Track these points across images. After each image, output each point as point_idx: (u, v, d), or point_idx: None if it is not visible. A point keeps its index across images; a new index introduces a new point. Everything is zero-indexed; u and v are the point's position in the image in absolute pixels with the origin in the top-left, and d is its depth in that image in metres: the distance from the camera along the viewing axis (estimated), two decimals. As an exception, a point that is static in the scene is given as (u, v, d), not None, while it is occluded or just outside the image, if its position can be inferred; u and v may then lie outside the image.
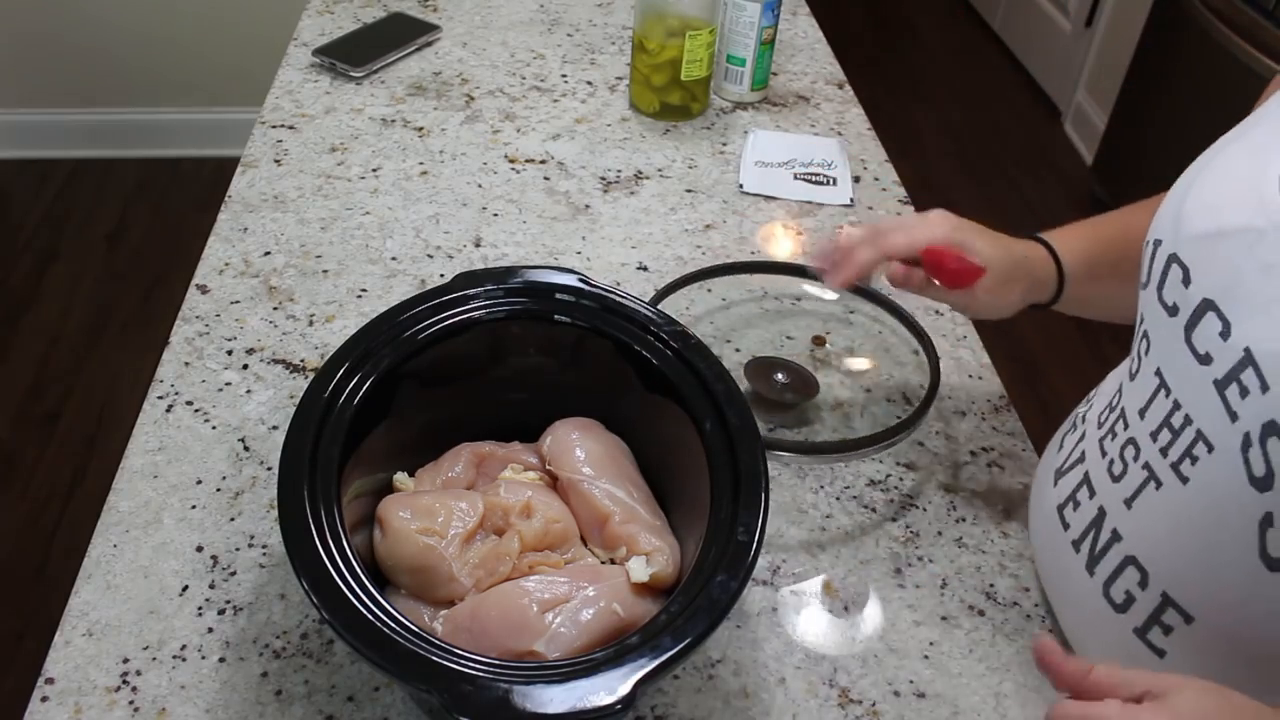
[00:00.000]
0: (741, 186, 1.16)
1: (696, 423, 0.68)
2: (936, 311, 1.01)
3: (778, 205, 1.14)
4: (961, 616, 0.75)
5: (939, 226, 0.76)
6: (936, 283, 0.76)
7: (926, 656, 0.72)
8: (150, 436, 0.83)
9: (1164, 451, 0.61)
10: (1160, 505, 0.61)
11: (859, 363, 0.95)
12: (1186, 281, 0.59)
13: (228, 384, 0.88)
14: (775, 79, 1.35)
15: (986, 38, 3.66)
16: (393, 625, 0.55)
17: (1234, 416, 0.55)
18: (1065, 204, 2.87)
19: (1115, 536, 0.65)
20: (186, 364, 0.90)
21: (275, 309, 0.96)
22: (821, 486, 0.83)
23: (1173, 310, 0.60)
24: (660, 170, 1.18)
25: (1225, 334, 0.56)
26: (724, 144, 1.23)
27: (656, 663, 0.55)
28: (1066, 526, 0.70)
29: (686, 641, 0.56)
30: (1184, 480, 0.59)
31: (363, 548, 0.66)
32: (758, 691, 0.70)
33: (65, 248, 2.46)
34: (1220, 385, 0.56)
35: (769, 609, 0.75)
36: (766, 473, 0.64)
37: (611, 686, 0.54)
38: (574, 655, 0.59)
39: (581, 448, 0.71)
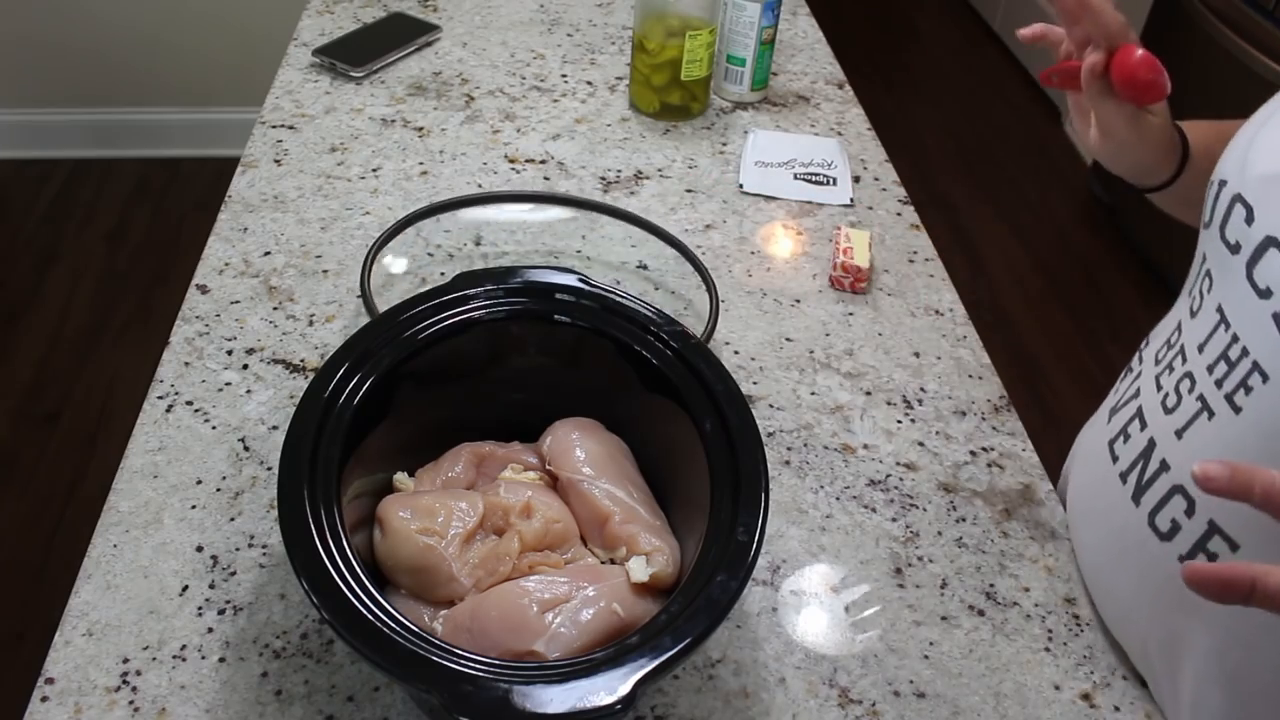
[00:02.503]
0: (741, 186, 1.16)
1: (696, 423, 0.68)
2: (936, 312, 1.01)
3: (778, 205, 1.14)
4: (961, 616, 0.75)
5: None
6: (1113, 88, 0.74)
7: (926, 656, 0.73)
8: (150, 436, 0.83)
9: (1219, 383, 0.63)
10: (1211, 435, 0.63)
11: None
12: (1250, 220, 0.62)
13: (228, 384, 0.88)
14: (775, 79, 1.36)
15: (986, 38, 3.66)
16: (393, 625, 0.56)
17: None
18: (1065, 204, 2.87)
19: (1164, 466, 0.67)
20: (186, 364, 0.90)
21: (275, 309, 0.96)
22: (821, 486, 0.83)
23: (1235, 248, 0.63)
24: (660, 170, 1.18)
25: None
26: (724, 144, 1.23)
27: (656, 663, 0.55)
28: (1115, 459, 0.72)
29: (686, 641, 0.56)
30: (1237, 410, 0.61)
31: (363, 548, 0.66)
32: (758, 691, 0.70)
33: (65, 248, 2.46)
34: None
35: (769, 609, 0.75)
36: (766, 473, 0.64)
37: (611, 686, 0.54)
38: (574, 655, 0.59)
39: (581, 448, 0.71)
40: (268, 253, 1.02)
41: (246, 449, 0.83)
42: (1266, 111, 0.66)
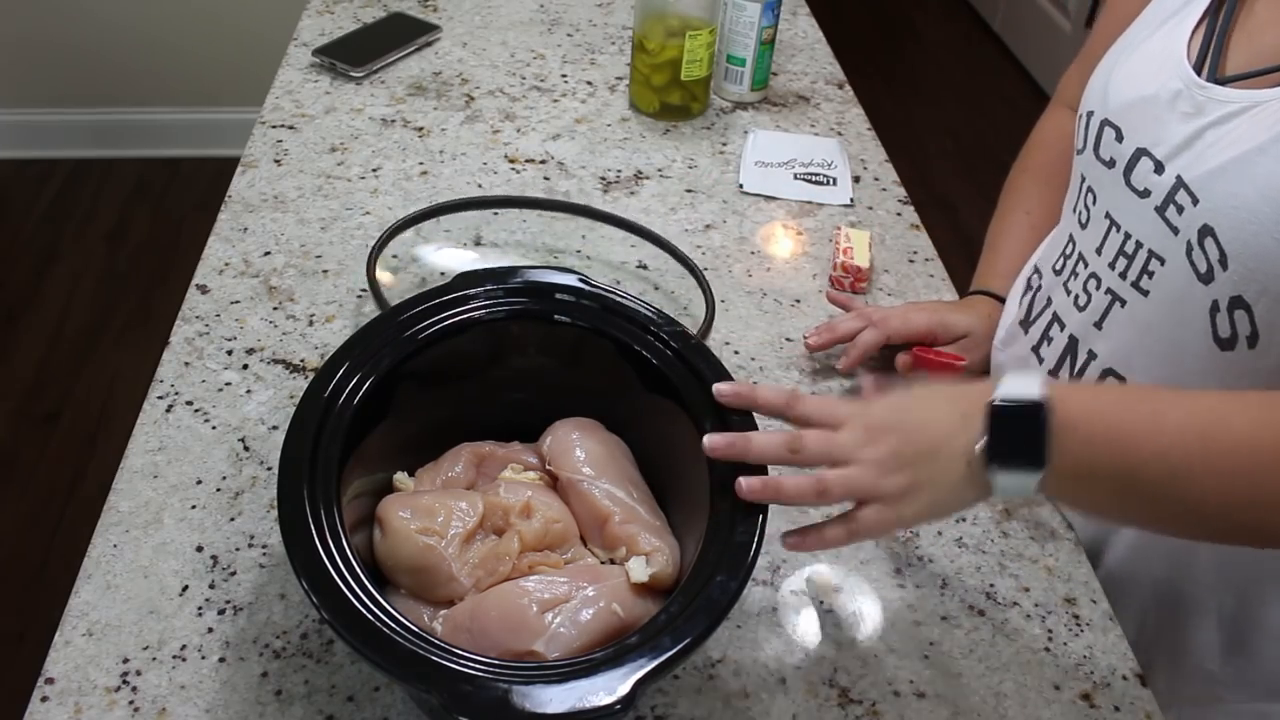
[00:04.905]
0: (741, 186, 1.16)
1: (696, 423, 0.68)
2: (936, 311, 1.01)
3: (778, 205, 1.14)
4: (961, 616, 0.75)
5: (921, 314, 0.91)
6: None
7: (926, 656, 0.73)
8: (150, 436, 0.83)
9: (1123, 275, 0.74)
10: (1128, 319, 0.75)
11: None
12: (1120, 139, 0.75)
13: (228, 384, 0.88)
14: (775, 79, 1.35)
15: (986, 38, 3.66)
16: (393, 625, 0.56)
17: (1175, 231, 0.69)
18: (1065, 204, 2.87)
19: (1091, 356, 0.78)
20: (186, 364, 0.90)
21: (275, 309, 0.96)
22: (821, 486, 0.83)
23: (1110, 164, 0.76)
24: (660, 170, 1.18)
25: (1159, 170, 0.70)
26: (724, 144, 1.23)
27: (656, 663, 0.55)
28: (1041, 361, 0.83)
29: (686, 641, 0.56)
30: (1145, 294, 0.73)
31: (363, 548, 0.66)
32: (758, 691, 0.70)
33: (65, 248, 2.46)
34: (1160, 210, 0.70)
35: (769, 609, 0.75)
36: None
37: (611, 686, 0.54)
38: (574, 655, 0.59)
39: (581, 448, 0.71)
40: (268, 253, 1.02)
41: (246, 449, 0.83)
42: (1116, 52, 0.79)
